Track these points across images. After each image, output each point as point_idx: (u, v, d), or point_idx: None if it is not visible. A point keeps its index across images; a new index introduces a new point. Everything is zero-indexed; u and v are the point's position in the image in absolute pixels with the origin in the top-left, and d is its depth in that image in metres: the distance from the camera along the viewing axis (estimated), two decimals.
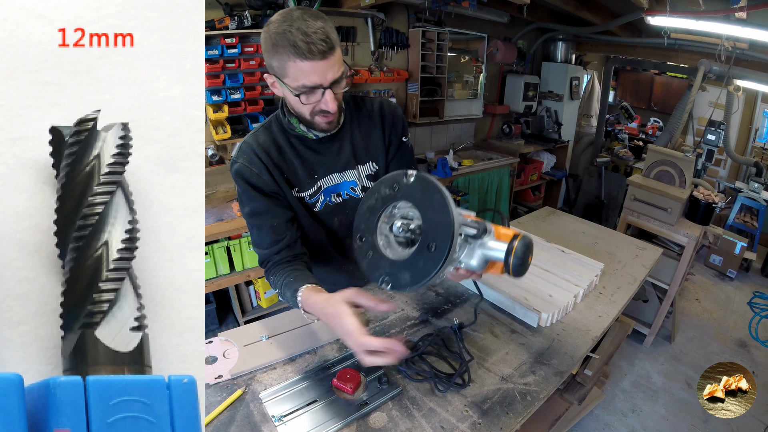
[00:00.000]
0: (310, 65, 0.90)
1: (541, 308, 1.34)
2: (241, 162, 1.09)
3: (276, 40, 0.90)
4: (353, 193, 1.24)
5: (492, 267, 0.88)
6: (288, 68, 0.92)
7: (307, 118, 1.05)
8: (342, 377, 1.04)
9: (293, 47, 0.88)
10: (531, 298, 1.40)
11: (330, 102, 0.99)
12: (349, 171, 1.21)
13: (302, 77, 0.93)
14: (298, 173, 1.14)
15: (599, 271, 1.59)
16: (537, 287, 1.47)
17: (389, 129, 1.23)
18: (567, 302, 1.38)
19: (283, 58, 0.91)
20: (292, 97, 0.99)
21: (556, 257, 1.69)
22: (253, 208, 1.12)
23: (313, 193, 1.18)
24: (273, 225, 1.12)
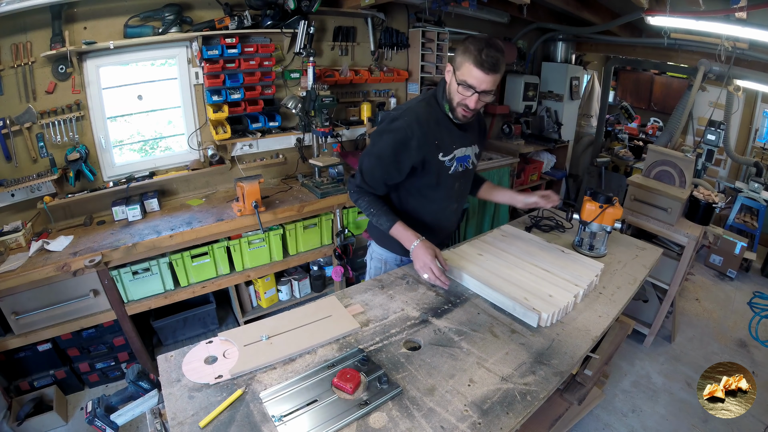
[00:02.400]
0: (478, 73, 1.34)
1: (541, 308, 1.34)
2: (402, 122, 1.44)
3: (469, 47, 1.34)
4: (468, 165, 1.65)
5: None
6: (463, 66, 1.36)
7: (454, 105, 1.46)
8: (342, 377, 1.04)
9: (477, 57, 1.32)
10: (531, 298, 1.41)
11: (472, 102, 1.40)
12: (470, 147, 1.63)
13: (468, 76, 1.36)
14: (445, 141, 1.53)
15: (599, 271, 1.61)
16: (537, 287, 1.47)
17: (484, 131, 1.78)
18: (567, 302, 1.40)
19: (465, 58, 1.34)
20: (454, 84, 1.40)
21: (556, 257, 1.71)
22: (383, 153, 1.48)
23: (451, 159, 1.55)
24: (386, 177, 1.53)
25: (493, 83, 1.37)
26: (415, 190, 1.61)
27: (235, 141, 2.77)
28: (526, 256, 1.70)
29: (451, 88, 1.44)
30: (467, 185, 1.76)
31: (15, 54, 2.09)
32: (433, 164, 1.52)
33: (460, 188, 1.69)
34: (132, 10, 2.32)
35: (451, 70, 1.41)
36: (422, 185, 1.59)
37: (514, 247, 1.78)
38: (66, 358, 2.35)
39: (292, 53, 2.84)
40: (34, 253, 2.08)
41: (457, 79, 1.39)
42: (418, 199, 1.63)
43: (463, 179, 1.67)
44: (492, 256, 1.71)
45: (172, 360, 1.16)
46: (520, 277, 1.54)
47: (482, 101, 1.42)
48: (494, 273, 1.57)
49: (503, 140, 4.32)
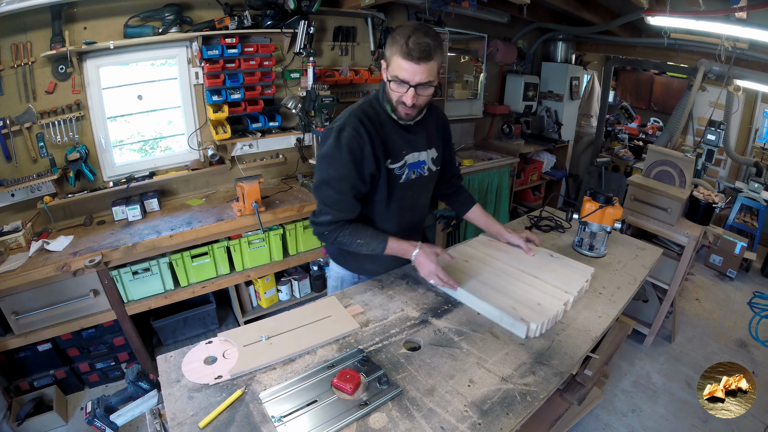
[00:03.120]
0: (407, 64, 1.19)
1: (530, 318, 1.29)
2: (350, 130, 1.29)
3: (396, 38, 1.20)
4: (423, 172, 1.50)
5: None
6: (392, 60, 1.23)
7: (394, 104, 1.32)
8: (342, 377, 1.04)
9: (401, 46, 1.18)
10: (519, 307, 1.35)
11: (408, 98, 1.25)
12: (423, 152, 1.48)
13: (398, 70, 1.22)
14: (393, 147, 1.38)
15: (589, 275, 1.56)
16: (525, 295, 1.42)
17: (444, 128, 1.59)
18: (557, 311, 1.35)
19: (392, 51, 1.21)
20: (387, 82, 1.27)
21: (544, 262, 1.65)
22: (344, 173, 1.32)
23: (401, 166, 1.42)
24: (355, 194, 1.36)
25: (428, 73, 1.22)
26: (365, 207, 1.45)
27: (235, 141, 2.77)
28: (514, 261, 1.64)
29: (387, 87, 1.30)
30: (422, 195, 1.58)
31: (15, 54, 2.09)
32: (382, 173, 1.38)
33: (413, 198, 1.53)
34: (132, 10, 2.32)
35: (383, 66, 1.29)
36: (373, 199, 1.44)
37: (501, 252, 1.71)
38: (66, 358, 2.35)
39: (292, 53, 2.84)
40: (34, 253, 2.08)
41: (389, 75, 1.26)
42: (366, 215, 1.47)
43: (416, 188, 1.51)
44: (478, 262, 1.64)
45: (171, 360, 1.16)
46: (507, 285, 1.47)
47: (421, 95, 1.27)
48: (480, 280, 1.50)
49: (503, 140, 4.32)
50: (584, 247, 1.85)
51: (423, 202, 1.62)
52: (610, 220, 1.78)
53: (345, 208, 1.37)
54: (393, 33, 1.23)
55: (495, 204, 3.92)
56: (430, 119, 1.50)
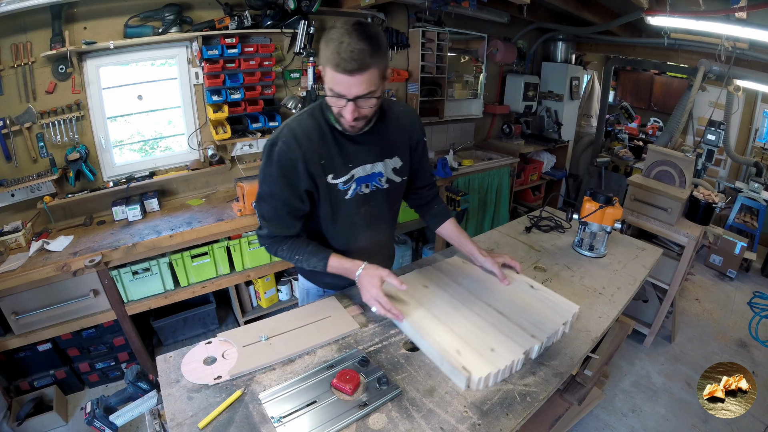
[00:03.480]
0: (339, 77, 1.04)
1: (474, 368, 1.07)
2: (281, 145, 1.19)
3: (327, 43, 1.04)
4: (380, 185, 1.35)
5: None
6: (326, 71, 1.07)
7: (336, 116, 1.18)
8: (341, 378, 1.04)
9: (332, 56, 1.03)
10: (466, 351, 1.13)
11: (347, 113, 1.11)
12: (379, 163, 1.32)
13: (332, 83, 1.07)
14: (335, 160, 1.24)
15: (571, 316, 1.30)
16: (480, 336, 1.19)
17: (416, 129, 1.41)
18: (512, 361, 1.11)
19: (325, 60, 1.06)
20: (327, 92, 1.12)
21: (520, 294, 1.40)
22: (275, 190, 1.23)
23: (347, 181, 1.28)
24: (291, 213, 1.27)
25: (366, 84, 1.06)
26: (313, 222, 1.37)
27: (235, 141, 2.77)
28: (482, 291, 1.40)
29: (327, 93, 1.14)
30: (382, 208, 1.41)
31: (15, 54, 2.09)
32: (322, 189, 1.25)
33: (370, 213, 1.38)
34: (132, 10, 2.32)
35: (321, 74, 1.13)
36: (318, 215, 1.33)
37: (471, 278, 1.48)
38: (66, 358, 2.35)
39: (292, 53, 2.84)
40: (34, 253, 2.08)
41: (325, 87, 1.11)
42: (317, 230, 1.38)
43: (373, 202, 1.36)
44: (438, 288, 1.42)
45: (171, 361, 1.16)
46: (463, 321, 1.25)
47: (364, 108, 1.12)
48: (432, 312, 1.28)
49: (503, 140, 4.32)
50: (584, 247, 1.85)
51: (385, 217, 1.45)
52: (610, 220, 1.77)
53: (281, 224, 1.28)
54: (325, 36, 1.06)
55: (495, 204, 3.92)
56: (393, 122, 1.33)
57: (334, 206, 1.30)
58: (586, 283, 1.62)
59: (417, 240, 3.94)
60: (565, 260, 1.78)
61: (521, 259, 1.78)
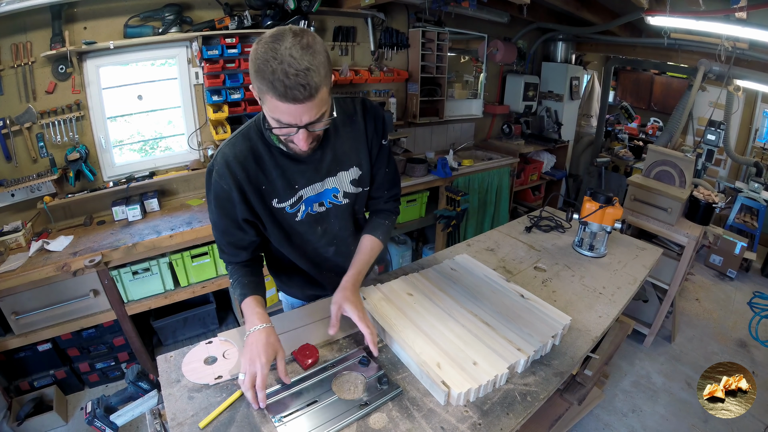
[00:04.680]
0: (286, 107, 0.89)
1: (453, 383, 1.02)
2: (215, 174, 1.09)
3: (260, 67, 0.86)
4: (336, 200, 1.23)
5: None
6: (266, 100, 0.90)
7: (284, 141, 1.03)
8: (302, 351, 1.12)
9: (272, 85, 0.85)
10: (446, 365, 1.07)
11: (301, 141, 0.98)
12: (330, 179, 1.18)
13: (277, 113, 0.91)
14: (276, 184, 1.12)
15: (561, 328, 1.25)
16: (463, 349, 1.13)
17: (371, 130, 1.21)
18: (495, 376, 1.06)
19: (262, 87, 0.88)
20: (270, 119, 0.96)
21: (509, 305, 1.34)
22: (215, 219, 1.17)
23: (294, 203, 1.16)
24: (233, 241, 1.19)
25: (317, 108, 0.92)
26: (272, 245, 1.27)
27: None
28: (469, 300, 1.34)
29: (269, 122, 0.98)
30: (343, 223, 1.28)
31: (15, 54, 2.09)
32: (266, 216, 1.15)
33: (330, 230, 1.27)
34: (132, 10, 2.32)
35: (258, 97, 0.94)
36: (273, 240, 1.23)
37: (459, 286, 1.42)
38: (66, 358, 2.35)
39: None
40: (34, 253, 2.08)
41: (267, 115, 0.95)
42: (282, 253, 1.29)
43: (332, 219, 1.25)
44: (423, 297, 1.35)
45: (171, 360, 1.16)
46: (445, 332, 1.19)
47: (317, 131, 1.00)
48: (415, 323, 1.22)
49: (503, 140, 4.32)
50: (584, 247, 1.85)
51: (350, 231, 1.33)
52: (610, 220, 1.78)
53: (223, 251, 1.21)
54: (257, 56, 0.87)
55: (495, 204, 3.92)
56: (344, 130, 1.16)
57: (285, 229, 1.20)
58: (586, 282, 1.62)
59: (417, 240, 3.94)
60: (565, 260, 1.79)
61: (521, 259, 1.79)
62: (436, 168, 3.32)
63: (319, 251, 1.30)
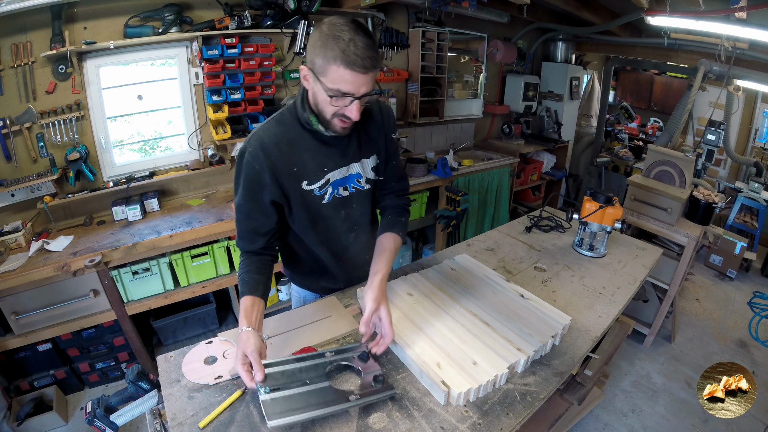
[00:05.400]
0: (351, 76, 0.99)
1: (453, 383, 1.03)
2: (248, 155, 1.14)
3: (328, 41, 0.97)
4: (359, 185, 1.31)
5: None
6: (329, 70, 0.99)
7: (327, 118, 1.11)
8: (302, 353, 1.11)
9: (343, 54, 0.96)
10: (446, 365, 1.08)
11: (355, 111, 1.06)
12: (355, 164, 1.27)
13: (340, 82, 1.00)
14: (307, 166, 1.19)
15: (561, 328, 1.25)
16: (463, 349, 1.14)
17: (387, 127, 1.32)
18: (495, 376, 1.06)
19: (328, 59, 0.98)
20: (322, 95, 1.05)
21: (508, 305, 1.34)
22: (241, 202, 1.19)
23: (322, 185, 1.23)
24: (254, 226, 1.21)
25: (372, 82, 1.04)
26: (292, 231, 1.31)
27: (235, 141, 2.77)
28: (469, 300, 1.35)
29: (318, 99, 1.08)
30: (365, 209, 1.36)
31: (15, 54, 2.09)
32: (296, 197, 1.20)
33: (352, 216, 1.33)
34: (132, 10, 2.32)
35: (311, 75, 1.05)
36: (296, 224, 1.28)
37: (459, 286, 1.42)
38: (66, 358, 2.35)
39: (292, 53, 2.84)
40: (34, 253, 2.08)
41: (325, 88, 1.02)
42: (301, 240, 1.33)
43: (355, 204, 1.32)
44: (423, 297, 1.36)
45: (171, 360, 1.16)
46: (445, 332, 1.20)
47: (363, 105, 1.10)
48: (415, 322, 1.23)
49: (503, 140, 4.32)
50: (584, 247, 1.86)
51: (367, 218, 1.40)
52: (610, 220, 1.78)
53: (242, 236, 1.23)
54: (322, 34, 0.99)
55: (495, 204, 3.92)
56: (365, 119, 1.24)
57: (312, 212, 1.25)
58: (586, 282, 1.62)
59: (417, 240, 3.94)
60: (566, 260, 1.79)
61: (521, 259, 1.79)
62: (436, 168, 3.32)
63: (340, 238, 1.35)
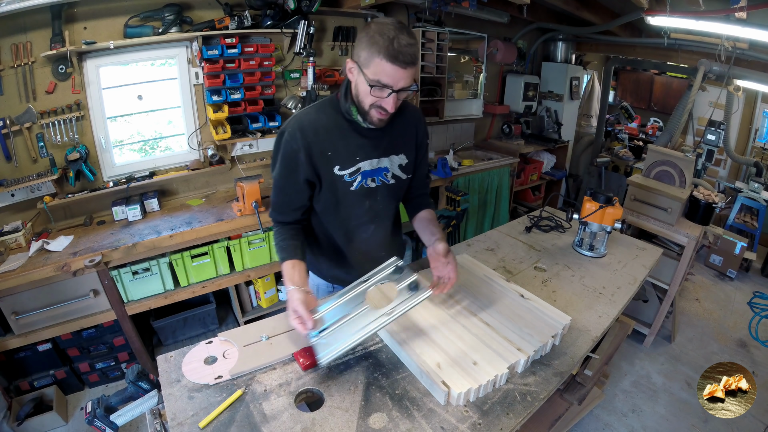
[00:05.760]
0: (392, 69, 1.09)
1: (453, 383, 1.03)
2: (286, 135, 1.26)
3: (375, 38, 1.08)
4: (386, 179, 1.38)
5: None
6: (373, 63, 1.10)
7: (366, 108, 1.21)
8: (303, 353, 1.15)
9: (386, 49, 1.07)
10: (446, 365, 1.08)
11: (390, 104, 1.16)
12: (385, 158, 1.35)
13: (381, 74, 1.11)
14: (341, 153, 1.28)
15: (561, 328, 1.25)
16: (464, 348, 1.14)
17: (419, 134, 1.44)
18: (495, 376, 1.07)
19: (372, 52, 1.09)
20: (363, 86, 1.15)
21: (509, 305, 1.35)
22: (277, 177, 1.30)
23: (353, 173, 1.31)
24: (287, 200, 1.33)
25: (411, 78, 1.14)
26: (317, 211, 1.39)
27: (235, 141, 2.77)
28: (469, 300, 1.36)
29: (359, 90, 1.18)
30: (388, 204, 1.43)
31: (15, 54, 2.09)
32: (326, 180, 1.29)
33: (375, 208, 1.40)
34: (132, 10, 2.32)
35: (355, 67, 1.16)
36: (321, 206, 1.36)
37: (458, 286, 1.40)
38: (66, 358, 2.35)
39: (292, 53, 2.84)
40: (34, 253, 2.08)
41: (367, 78, 1.13)
42: (322, 222, 1.41)
43: (379, 197, 1.39)
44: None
45: (171, 360, 1.16)
46: (445, 332, 1.21)
47: (400, 99, 1.20)
48: (413, 321, 1.24)
49: (503, 140, 4.32)
50: (584, 247, 1.85)
51: (390, 214, 1.47)
52: (610, 220, 1.78)
53: (276, 209, 1.35)
54: (370, 31, 1.10)
55: (495, 204, 3.92)
56: (400, 121, 1.35)
57: (338, 197, 1.33)
58: (586, 282, 1.62)
59: (417, 240, 3.94)
60: (565, 260, 1.79)
61: (521, 259, 1.79)
62: (436, 168, 3.32)
63: (360, 227, 1.42)
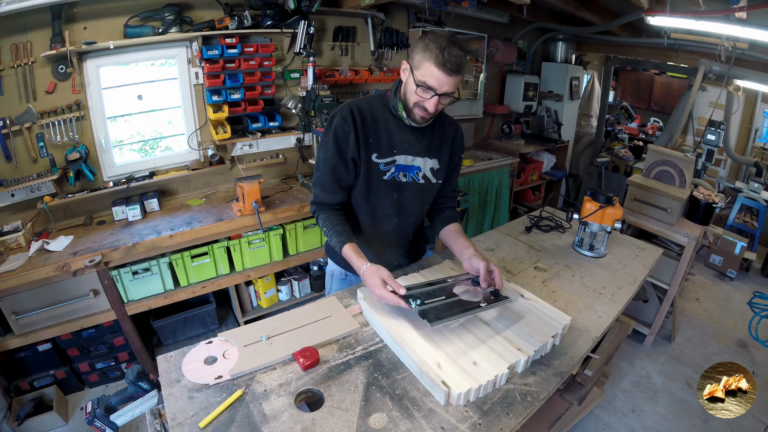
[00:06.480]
0: (439, 74, 1.22)
1: (453, 383, 1.03)
2: (339, 118, 1.37)
3: (429, 44, 1.22)
4: (417, 178, 1.47)
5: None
6: (423, 66, 1.24)
7: (410, 106, 1.34)
8: (303, 353, 1.15)
9: (437, 56, 1.20)
10: (447, 365, 1.09)
11: (431, 105, 1.29)
12: (419, 158, 1.45)
13: (428, 77, 1.24)
14: (382, 142, 1.40)
15: (561, 328, 1.26)
16: (464, 348, 1.15)
17: (456, 144, 1.54)
18: (495, 376, 1.07)
19: (425, 57, 1.22)
20: (411, 85, 1.29)
21: (508, 305, 1.35)
22: (329, 157, 1.39)
23: (388, 162, 1.42)
24: (337, 179, 1.41)
25: (454, 85, 1.26)
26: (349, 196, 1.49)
27: (235, 141, 2.77)
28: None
29: (407, 88, 1.32)
30: (413, 201, 1.51)
31: (15, 54, 2.09)
32: (364, 164, 1.40)
33: (403, 202, 1.49)
34: (132, 10, 2.32)
35: (408, 68, 1.30)
36: (355, 190, 1.46)
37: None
38: (66, 358, 2.35)
39: (292, 53, 2.84)
40: (34, 253, 2.08)
41: (415, 79, 1.26)
42: (351, 207, 1.50)
43: (407, 192, 1.48)
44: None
45: (171, 360, 1.16)
46: (446, 332, 1.21)
47: (441, 104, 1.32)
48: (414, 322, 1.24)
49: (503, 140, 4.32)
50: (584, 247, 1.86)
51: (415, 212, 1.55)
52: (610, 220, 1.78)
53: (325, 189, 1.43)
54: (426, 39, 1.24)
55: (495, 204, 3.92)
56: (440, 129, 1.48)
57: (371, 182, 1.43)
58: (586, 282, 1.62)
59: None
60: (566, 260, 1.79)
61: (521, 259, 1.79)
62: None
63: (384, 218, 1.51)
